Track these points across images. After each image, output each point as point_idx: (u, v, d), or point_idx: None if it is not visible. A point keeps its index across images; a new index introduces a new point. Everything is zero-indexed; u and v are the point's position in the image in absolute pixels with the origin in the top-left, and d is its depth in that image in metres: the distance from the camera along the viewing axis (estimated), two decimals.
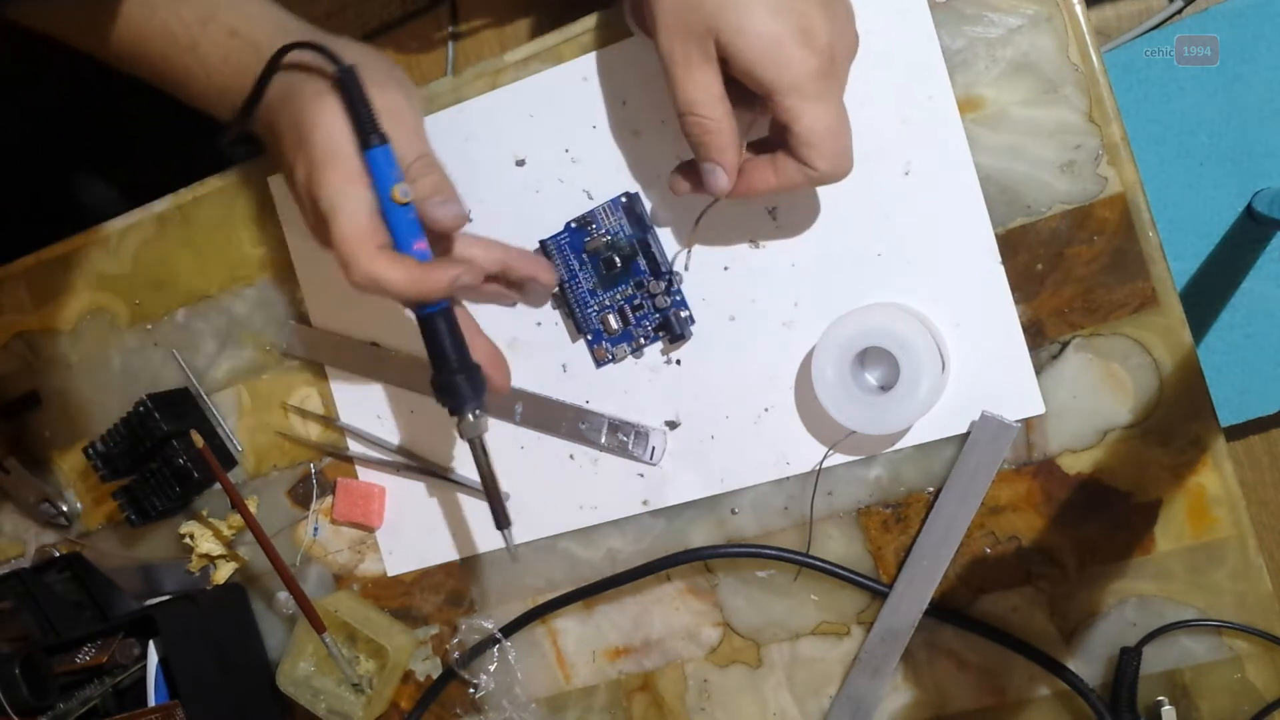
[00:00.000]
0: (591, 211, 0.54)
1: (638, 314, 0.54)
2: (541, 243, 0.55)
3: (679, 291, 0.54)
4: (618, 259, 0.54)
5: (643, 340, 0.55)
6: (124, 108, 0.74)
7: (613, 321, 0.55)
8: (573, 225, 0.55)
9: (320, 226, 0.46)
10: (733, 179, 0.47)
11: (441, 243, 0.49)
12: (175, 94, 0.52)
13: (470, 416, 0.48)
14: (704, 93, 0.45)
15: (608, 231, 0.54)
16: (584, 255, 0.55)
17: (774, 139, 0.48)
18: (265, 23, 0.49)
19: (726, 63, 0.44)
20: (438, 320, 0.47)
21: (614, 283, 0.54)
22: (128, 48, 0.51)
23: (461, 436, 0.48)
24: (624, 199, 0.54)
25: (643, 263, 0.54)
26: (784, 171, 0.46)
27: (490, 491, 0.50)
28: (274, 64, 0.47)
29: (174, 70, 0.51)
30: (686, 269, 0.54)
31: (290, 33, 0.48)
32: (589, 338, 0.56)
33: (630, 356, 0.55)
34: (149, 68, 0.52)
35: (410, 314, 0.48)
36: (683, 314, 0.54)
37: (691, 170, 0.48)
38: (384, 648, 0.59)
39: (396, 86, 0.47)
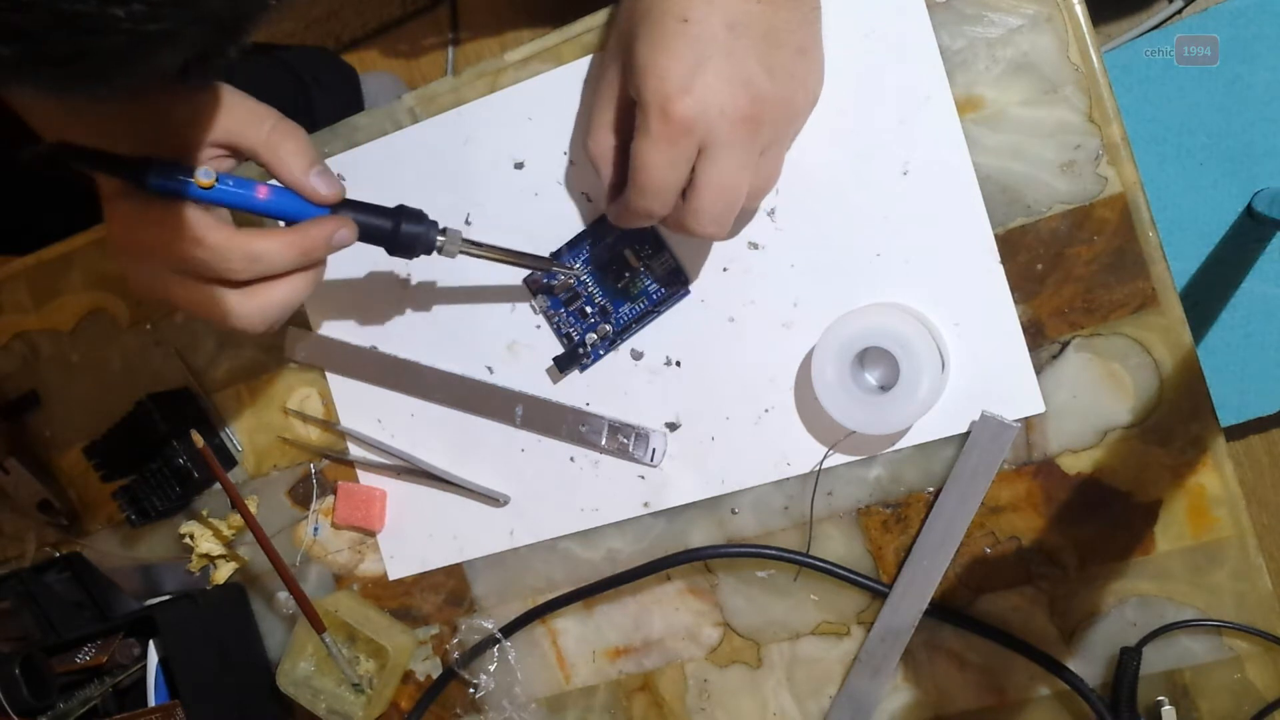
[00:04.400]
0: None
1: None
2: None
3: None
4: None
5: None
6: None
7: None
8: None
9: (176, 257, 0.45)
10: (610, 205, 0.49)
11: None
12: None
13: (439, 239, 0.49)
14: (599, 117, 0.48)
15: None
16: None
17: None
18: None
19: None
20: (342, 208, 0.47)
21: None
22: None
23: (451, 257, 0.49)
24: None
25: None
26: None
27: (521, 260, 0.52)
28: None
29: None
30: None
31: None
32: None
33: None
34: None
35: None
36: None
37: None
38: (384, 648, 0.59)
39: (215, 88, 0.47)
